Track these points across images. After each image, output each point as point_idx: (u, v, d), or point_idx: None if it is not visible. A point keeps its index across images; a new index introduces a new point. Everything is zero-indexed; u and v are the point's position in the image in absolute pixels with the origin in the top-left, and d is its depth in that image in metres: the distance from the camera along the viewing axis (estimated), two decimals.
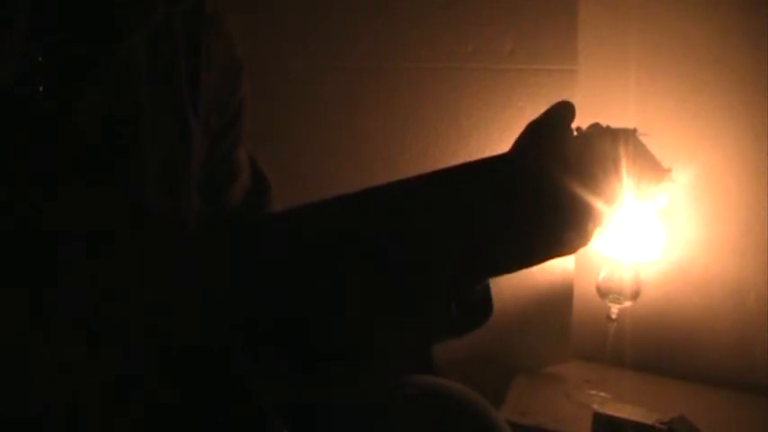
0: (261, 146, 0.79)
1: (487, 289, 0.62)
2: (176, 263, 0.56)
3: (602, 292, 1.27)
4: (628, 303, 1.26)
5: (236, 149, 0.75)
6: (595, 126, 0.60)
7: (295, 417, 0.68)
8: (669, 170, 0.59)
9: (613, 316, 1.27)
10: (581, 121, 0.61)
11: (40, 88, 0.54)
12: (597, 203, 0.56)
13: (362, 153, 1.47)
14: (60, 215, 0.54)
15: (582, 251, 0.59)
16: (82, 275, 0.54)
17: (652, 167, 0.59)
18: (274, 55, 1.40)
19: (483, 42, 1.38)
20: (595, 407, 1.19)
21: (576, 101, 0.60)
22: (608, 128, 0.60)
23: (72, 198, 0.55)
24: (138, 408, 0.56)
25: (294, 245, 0.57)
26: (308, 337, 0.57)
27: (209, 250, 0.60)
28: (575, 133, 0.59)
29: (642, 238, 1.25)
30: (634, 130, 0.59)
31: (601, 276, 1.27)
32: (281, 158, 0.82)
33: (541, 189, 0.56)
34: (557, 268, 1.37)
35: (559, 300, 1.39)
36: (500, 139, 1.35)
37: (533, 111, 0.55)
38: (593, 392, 1.31)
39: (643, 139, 0.60)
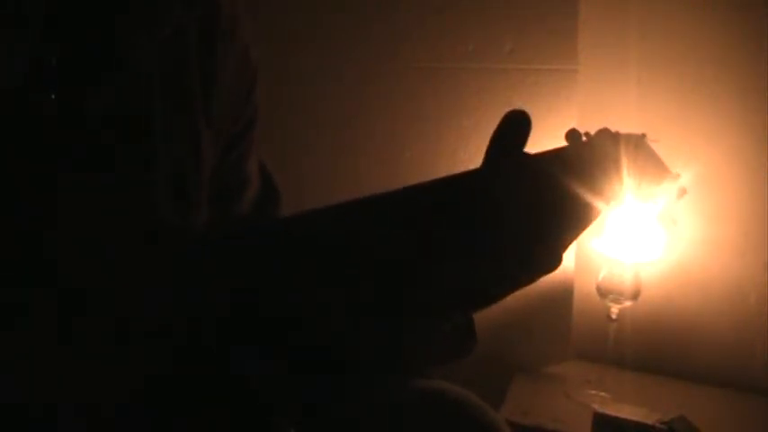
0: (261, 146, 0.79)
1: (471, 320, 0.62)
2: (177, 265, 0.56)
3: (602, 292, 1.27)
4: (628, 303, 1.26)
5: (247, 158, 0.75)
6: (604, 131, 0.60)
7: (296, 417, 0.68)
8: (677, 175, 0.60)
9: (613, 316, 1.27)
10: (581, 121, 0.62)
11: (52, 96, 0.54)
12: (597, 204, 0.56)
13: (362, 153, 1.47)
14: (67, 220, 0.54)
15: (582, 251, 0.59)
16: (87, 278, 0.54)
17: (658, 173, 0.59)
18: (275, 56, 1.40)
19: (483, 42, 1.38)
20: (595, 407, 1.19)
21: (576, 101, 0.60)
22: (616, 133, 0.60)
23: (80, 202, 0.55)
24: (137, 408, 0.56)
25: (289, 250, 0.57)
26: (307, 337, 0.57)
27: (208, 252, 0.60)
28: (584, 138, 0.59)
29: (643, 239, 1.25)
30: (643, 136, 0.59)
31: (601, 276, 1.27)
32: (281, 158, 0.82)
33: (539, 197, 0.56)
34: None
35: (559, 300, 1.39)
36: None
37: (534, 110, 0.55)
38: (593, 392, 1.31)
39: (653, 144, 0.60)
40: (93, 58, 0.57)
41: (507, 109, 0.51)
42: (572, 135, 0.76)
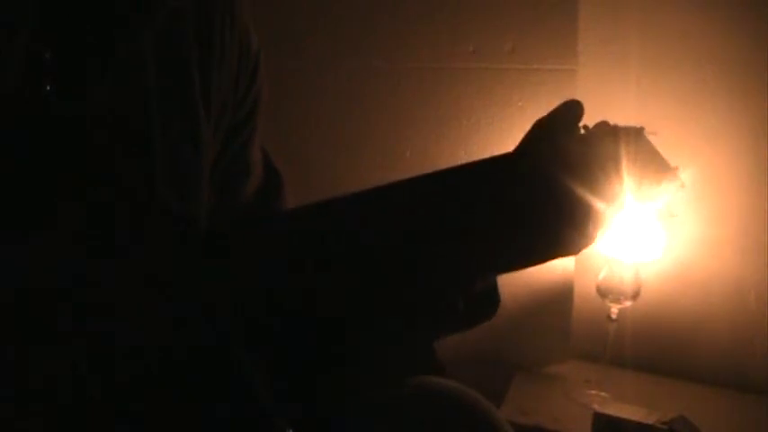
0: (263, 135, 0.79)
1: (494, 282, 0.62)
2: (180, 263, 0.56)
3: (602, 292, 1.27)
4: (628, 303, 1.26)
5: (250, 146, 0.74)
6: (602, 124, 0.60)
7: (296, 417, 0.68)
8: (676, 168, 0.60)
9: (613, 316, 1.27)
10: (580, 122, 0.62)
11: (48, 87, 0.54)
12: (598, 205, 0.56)
13: (362, 153, 1.47)
14: (67, 216, 0.54)
15: (582, 251, 0.59)
16: (86, 276, 0.53)
17: (658, 167, 0.59)
18: (275, 55, 1.40)
19: (483, 42, 1.38)
20: (595, 407, 1.19)
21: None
22: (615, 126, 0.60)
23: (78, 198, 0.55)
24: (138, 407, 0.56)
25: (296, 244, 0.57)
26: (310, 336, 0.57)
27: (211, 251, 0.60)
28: (581, 131, 0.59)
29: (643, 238, 1.25)
30: (641, 129, 0.59)
31: (601, 276, 1.27)
32: (280, 159, 0.82)
33: (543, 190, 0.56)
34: (557, 268, 1.37)
35: (559, 300, 1.39)
36: (500, 139, 1.35)
37: (533, 110, 0.56)
38: (593, 392, 1.31)
39: (651, 138, 0.60)
40: (88, 51, 0.56)
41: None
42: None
